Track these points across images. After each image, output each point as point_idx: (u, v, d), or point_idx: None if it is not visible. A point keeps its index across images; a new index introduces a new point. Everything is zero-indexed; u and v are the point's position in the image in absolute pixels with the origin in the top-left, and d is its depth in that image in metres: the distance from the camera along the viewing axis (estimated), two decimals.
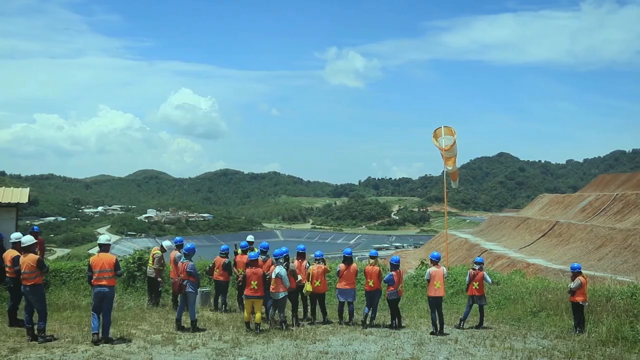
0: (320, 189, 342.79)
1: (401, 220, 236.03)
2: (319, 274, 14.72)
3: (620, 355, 11.48)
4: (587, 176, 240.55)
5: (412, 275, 23.18)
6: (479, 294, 14.92)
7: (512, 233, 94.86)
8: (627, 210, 75.60)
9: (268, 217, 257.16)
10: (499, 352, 11.62)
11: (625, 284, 18.80)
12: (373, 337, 13.05)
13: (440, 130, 22.03)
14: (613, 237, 64.94)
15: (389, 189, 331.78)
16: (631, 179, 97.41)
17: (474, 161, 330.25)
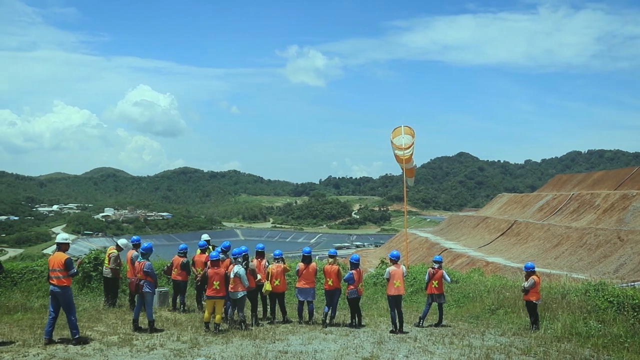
0: (281, 187, 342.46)
1: (362, 220, 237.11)
2: (278, 273, 14.62)
3: (574, 350, 11.75)
4: (545, 176, 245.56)
5: (372, 274, 23.24)
6: (438, 292, 15.00)
7: (471, 232, 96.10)
8: (583, 209, 77.25)
9: (228, 216, 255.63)
10: (458, 350, 11.70)
11: (580, 282, 19.16)
12: (333, 336, 13.00)
13: (400, 129, 22.10)
14: (569, 235, 66.23)
15: (349, 188, 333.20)
16: (586, 179, 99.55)
17: (434, 161, 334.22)
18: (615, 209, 69.54)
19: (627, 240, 56.46)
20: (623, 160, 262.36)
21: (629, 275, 45.80)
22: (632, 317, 13.55)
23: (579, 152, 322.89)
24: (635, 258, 52.35)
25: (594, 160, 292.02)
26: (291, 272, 16.49)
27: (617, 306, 14.42)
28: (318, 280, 16.61)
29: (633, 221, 62.87)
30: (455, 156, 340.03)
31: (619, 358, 11.13)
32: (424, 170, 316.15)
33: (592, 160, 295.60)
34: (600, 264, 54.29)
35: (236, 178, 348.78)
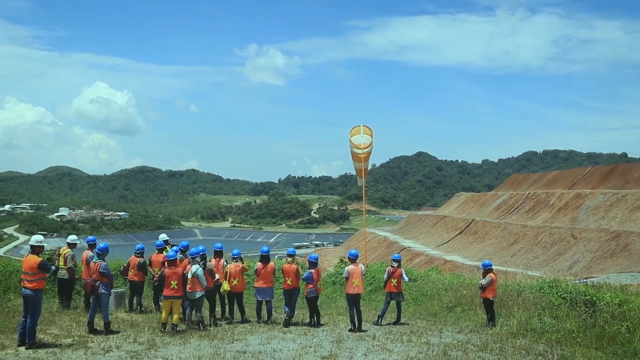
0: (240, 187, 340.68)
1: (321, 219, 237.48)
2: (236, 273, 14.53)
3: (529, 345, 12.01)
4: (502, 176, 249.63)
5: (331, 273, 23.28)
6: (397, 290, 15.08)
7: (430, 231, 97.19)
8: (538, 208, 78.82)
9: (186, 216, 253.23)
10: (416, 347, 11.82)
11: (535, 279, 19.55)
12: (292, 335, 12.99)
13: (359, 128, 22.14)
14: (525, 234, 67.54)
15: (309, 187, 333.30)
16: (542, 179, 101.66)
17: (393, 160, 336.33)
18: (569, 208, 71.13)
19: (580, 238, 57.82)
20: (577, 160, 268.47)
21: (582, 272, 46.89)
22: (584, 313, 13.92)
23: (534, 152, 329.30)
24: (588, 255, 53.63)
25: (549, 160, 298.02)
26: (250, 271, 16.41)
27: (570, 302, 14.83)
28: (277, 280, 16.57)
29: (586, 219, 64.39)
30: (414, 156, 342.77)
31: (571, 352, 11.37)
32: (382, 170, 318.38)
33: (547, 160, 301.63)
34: (555, 262, 55.49)
35: (195, 177, 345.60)
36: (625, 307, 13.55)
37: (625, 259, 49.17)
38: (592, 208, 66.31)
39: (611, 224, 58.73)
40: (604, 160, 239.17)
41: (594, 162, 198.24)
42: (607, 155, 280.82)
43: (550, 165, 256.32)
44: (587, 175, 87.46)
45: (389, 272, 15.09)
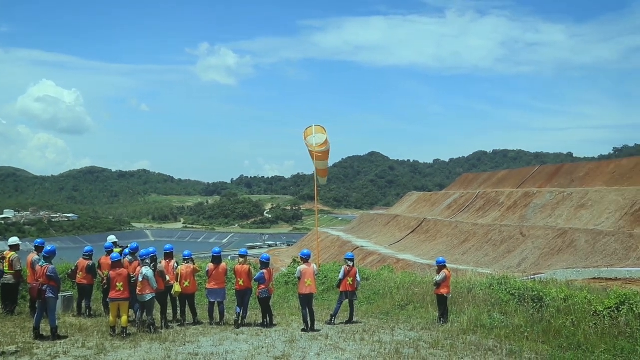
0: (192, 187, 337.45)
1: (274, 219, 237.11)
2: (188, 274, 14.37)
3: (479, 341, 12.25)
4: (453, 175, 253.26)
5: (284, 273, 23.24)
6: (352, 289, 15.12)
7: (382, 230, 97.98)
8: (488, 207, 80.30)
9: (137, 217, 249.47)
10: (369, 346, 11.90)
11: (485, 276, 19.90)
12: (244, 336, 12.92)
13: (312, 129, 22.12)
14: (476, 232, 68.74)
15: (261, 187, 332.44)
16: (491, 178, 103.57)
17: (345, 160, 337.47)
18: (518, 206, 72.64)
19: (528, 236, 59.10)
20: (525, 160, 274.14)
21: (530, 269, 47.93)
22: (532, 308, 14.32)
23: (484, 152, 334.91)
24: (536, 252, 54.85)
25: (498, 160, 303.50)
26: (201, 272, 16.25)
27: (518, 298, 15.19)
28: (229, 281, 16.46)
29: (534, 217, 65.86)
30: (367, 155, 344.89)
31: (519, 347, 11.67)
32: (335, 170, 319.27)
33: (497, 159, 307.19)
34: (505, 259, 56.59)
35: (146, 177, 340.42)
36: (570, 301, 14.02)
37: (571, 255, 50.47)
38: (540, 206, 67.87)
39: (558, 222, 60.24)
40: (550, 160, 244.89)
41: (541, 162, 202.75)
42: (553, 155, 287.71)
43: (500, 165, 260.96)
44: (535, 174, 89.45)
45: (345, 270, 15.09)
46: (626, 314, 12.58)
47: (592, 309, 13.25)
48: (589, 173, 75.52)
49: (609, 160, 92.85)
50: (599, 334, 12.08)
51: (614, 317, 12.65)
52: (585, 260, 47.39)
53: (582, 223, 56.97)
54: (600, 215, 57.01)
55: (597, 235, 51.45)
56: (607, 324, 12.48)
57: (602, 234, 51.37)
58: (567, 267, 42.99)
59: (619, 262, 44.11)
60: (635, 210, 54.23)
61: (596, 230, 52.74)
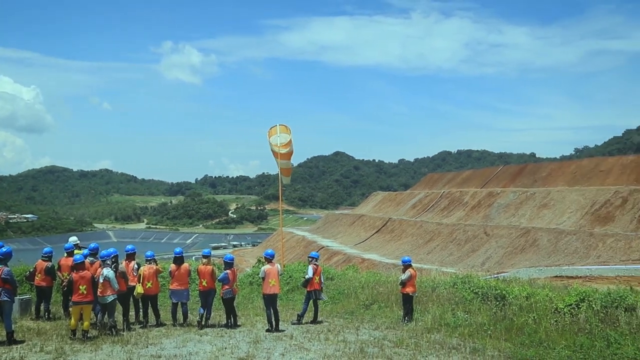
0: (156, 187, 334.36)
1: (239, 219, 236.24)
2: (150, 275, 14.17)
3: (443, 340, 12.38)
4: (417, 175, 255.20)
5: (248, 274, 23.11)
6: (319, 288, 15.11)
7: (347, 230, 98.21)
8: (453, 206, 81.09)
9: (99, 217, 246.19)
10: (333, 345, 11.90)
11: (449, 275, 20.05)
12: (208, 337, 12.80)
13: (276, 128, 22.00)
14: (440, 231, 69.34)
15: (226, 187, 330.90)
16: (456, 178, 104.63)
17: (310, 160, 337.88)
18: (482, 206, 73.50)
19: (492, 235, 59.82)
20: (489, 160, 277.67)
21: (494, 268, 48.49)
22: (495, 306, 14.51)
23: (449, 152, 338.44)
24: (500, 251, 55.55)
25: (463, 160, 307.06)
26: (164, 273, 16.07)
27: (481, 297, 15.35)
28: (193, 282, 16.30)
29: (498, 217, 66.70)
30: (332, 155, 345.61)
31: (482, 345, 11.82)
32: (300, 169, 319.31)
33: (461, 159, 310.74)
34: (469, 258, 57.18)
35: (108, 177, 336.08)
36: (532, 299, 14.26)
37: (534, 253, 51.24)
38: (504, 206, 68.77)
39: (521, 221, 61.11)
40: (514, 160, 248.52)
41: (505, 162, 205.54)
42: (517, 155, 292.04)
43: (464, 165, 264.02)
44: (498, 174, 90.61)
45: (314, 269, 15.05)
46: (585, 310, 12.87)
47: (553, 307, 13.52)
48: (551, 173, 76.78)
49: (570, 161, 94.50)
50: (560, 330, 12.34)
51: (574, 314, 12.93)
52: (548, 259, 48.17)
53: (545, 222, 57.91)
54: (562, 215, 58.01)
55: (559, 234, 52.34)
56: (567, 320, 12.76)
57: (563, 233, 52.27)
58: (530, 266, 43.59)
59: (580, 260, 44.91)
60: (595, 209, 55.31)
61: (558, 230, 53.66)
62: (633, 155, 79.73)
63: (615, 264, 40.08)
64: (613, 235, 48.10)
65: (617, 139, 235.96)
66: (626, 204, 53.79)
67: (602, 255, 45.39)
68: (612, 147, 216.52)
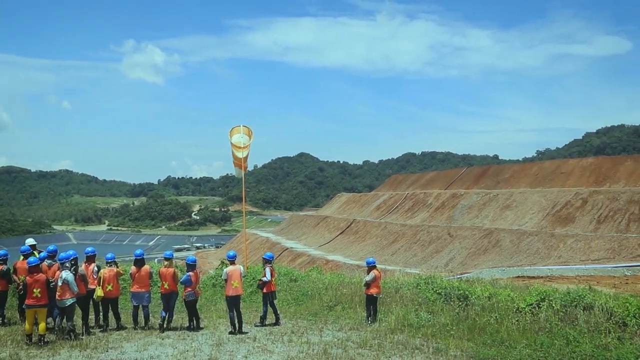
0: (117, 188, 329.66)
1: (202, 220, 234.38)
2: (110, 278, 13.90)
3: (407, 340, 12.46)
4: (382, 176, 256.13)
5: (211, 276, 22.94)
6: (274, 289, 15.10)
7: (312, 231, 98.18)
8: (417, 207, 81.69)
9: (59, 219, 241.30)
10: (297, 347, 11.90)
11: (412, 276, 20.16)
12: (170, 340, 12.65)
13: (239, 128, 21.86)
14: (404, 232, 69.76)
15: (189, 188, 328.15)
16: (420, 179, 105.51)
17: (275, 161, 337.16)
18: (446, 207, 74.18)
19: (456, 236, 60.40)
20: (453, 162, 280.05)
21: (457, 268, 48.92)
22: (457, 307, 14.66)
23: (413, 153, 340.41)
24: (463, 252, 56.10)
25: (427, 162, 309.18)
26: (125, 276, 15.81)
27: (444, 297, 15.50)
28: (155, 284, 16.08)
29: (461, 218, 67.40)
30: (296, 156, 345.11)
31: (445, 345, 11.93)
32: (264, 171, 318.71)
33: (426, 161, 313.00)
34: (433, 259, 57.61)
35: (68, 178, 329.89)
36: (494, 299, 14.48)
37: (497, 254, 51.91)
38: (467, 207, 69.53)
39: (484, 222, 61.87)
40: (477, 162, 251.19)
41: (468, 164, 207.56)
42: (480, 157, 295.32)
43: (428, 167, 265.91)
44: (462, 175, 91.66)
45: (272, 271, 15.01)
46: (546, 310, 13.10)
47: (514, 306, 13.72)
48: (513, 175, 77.95)
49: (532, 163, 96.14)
50: (521, 329, 12.55)
51: (535, 314, 13.14)
52: (510, 259, 48.83)
53: (507, 223, 58.72)
54: (524, 216, 58.90)
55: (521, 235, 53.12)
56: (528, 320, 12.97)
57: (525, 233, 53.07)
58: (493, 267, 44.10)
59: (541, 260, 45.64)
60: (556, 210, 56.28)
61: (520, 230, 54.46)
62: (592, 158, 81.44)
63: (576, 264, 40.85)
64: (573, 235, 48.99)
65: (577, 142, 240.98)
66: (586, 205, 54.85)
67: (562, 255, 46.18)
68: (572, 150, 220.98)
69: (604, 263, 40.27)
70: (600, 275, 33.29)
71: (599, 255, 43.82)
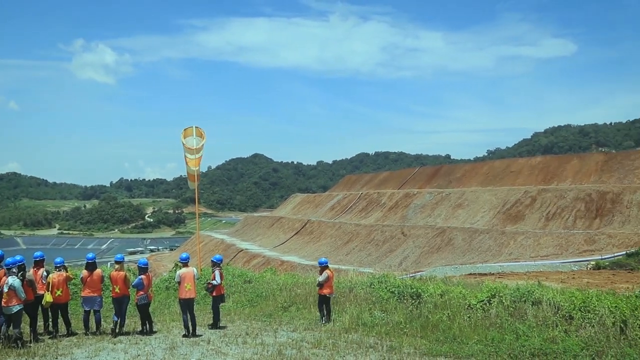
0: (68, 191, 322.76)
1: (156, 223, 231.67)
2: (60, 283, 13.60)
3: (361, 339, 12.56)
4: (336, 177, 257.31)
5: (165, 278, 22.70)
6: (224, 292, 15.05)
7: (266, 232, 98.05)
8: (371, 207, 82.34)
9: (7, 223, 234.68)
10: (251, 349, 11.86)
11: (366, 275, 20.32)
12: (122, 345, 12.43)
13: (191, 129, 21.69)
14: (359, 232, 70.22)
15: (142, 190, 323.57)
16: (374, 179, 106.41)
17: (229, 162, 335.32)
18: (399, 207, 74.97)
19: (409, 235, 61.08)
20: (406, 162, 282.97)
21: (411, 267, 49.51)
22: (411, 305, 14.85)
23: (367, 153, 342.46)
24: (417, 251, 56.77)
25: (380, 162, 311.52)
26: (76, 280, 15.51)
27: (398, 296, 15.66)
28: (107, 288, 15.82)
29: (414, 217, 68.20)
30: (250, 157, 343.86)
31: (399, 343, 12.06)
32: (219, 172, 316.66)
33: (379, 161, 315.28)
34: (387, 258, 58.15)
35: (16, 181, 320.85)
36: (446, 297, 14.71)
37: (450, 252, 52.68)
38: (420, 206, 70.37)
39: (437, 221, 62.72)
40: (430, 162, 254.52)
41: (421, 164, 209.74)
42: (433, 157, 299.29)
43: (382, 167, 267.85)
44: (415, 175, 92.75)
45: (221, 274, 14.95)
46: (496, 306, 13.35)
47: (466, 303, 13.96)
48: (465, 174, 79.26)
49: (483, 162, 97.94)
50: (473, 326, 12.77)
51: (486, 310, 13.38)
52: (463, 257, 49.65)
53: (459, 222, 59.67)
54: (476, 214, 59.94)
55: (473, 233, 54.05)
56: (479, 316, 13.22)
57: (477, 231, 54.01)
58: (446, 264, 44.77)
59: (493, 257, 46.54)
60: (506, 208, 57.41)
61: (472, 229, 55.39)
62: (541, 157, 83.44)
63: (526, 261, 41.80)
64: (523, 233, 50.09)
65: (526, 141, 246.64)
66: (535, 203, 56.12)
67: (513, 252, 47.16)
68: (522, 149, 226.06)
69: (553, 259, 41.30)
70: (548, 270, 34.20)
71: (548, 251, 44.89)
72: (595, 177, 60.26)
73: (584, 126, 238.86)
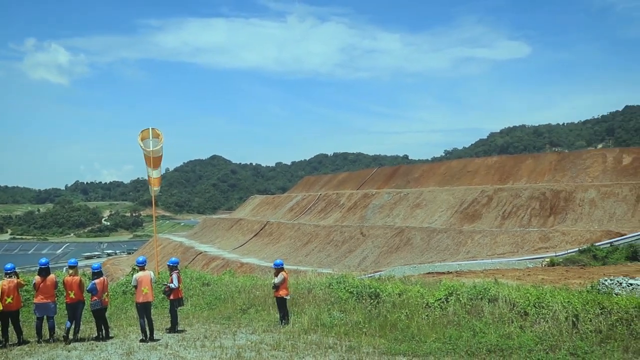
0: (21, 194, 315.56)
1: (113, 226, 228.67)
2: (10, 290, 13.23)
3: (320, 340, 12.60)
4: (295, 178, 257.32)
5: (122, 282, 22.34)
6: (182, 296, 14.91)
7: (226, 234, 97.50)
8: (330, 208, 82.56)
9: None
10: (210, 352, 11.77)
11: (324, 276, 20.33)
12: (77, 352, 12.18)
13: (148, 132, 21.34)
14: (318, 233, 70.33)
15: (99, 193, 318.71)
16: (332, 180, 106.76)
17: (187, 164, 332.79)
18: (358, 207, 75.32)
19: (368, 235, 61.40)
20: (364, 162, 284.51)
21: (370, 267, 49.76)
22: (369, 305, 14.94)
23: (325, 154, 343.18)
24: (376, 251, 57.10)
25: (339, 163, 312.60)
26: (28, 286, 15.14)
27: (356, 296, 15.72)
28: (60, 294, 15.48)
29: (373, 217, 68.59)
30: (209, 159, 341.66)
31: (358, 342, 12.12)
32: (176, 174, 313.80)
33: (338, 162, 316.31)
34: (346, 258, 58.35)
35: None
36: (404, 296, 14.83)
37: (408, 252, 53.11)
38: (379, 207, 70.81)
39: (395, 221, 63.19)
40: (388, 162, 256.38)
41: (379, 164, 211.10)
42: (391, 157, 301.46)
43: (340, 167, 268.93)
44: (373, 176, 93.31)
45: (179, 277, 14.79)
46: (454, 304, 13.54)
47: (424, 302, 14.10)
48: (423, 174, 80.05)
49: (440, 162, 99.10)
50: (431, 324, 12.92)
51: (444, 308, 13.56)
52: (421, 257, 50.11)
53: (418, 221, 60.23)
54: (434, 214, 60.58)
55: (431, 232, 54.60)
56: (437, 314, 13.37)
57: (435, 231, 54.58)
58: (404, 264, 45.11)
59: (451, 256, 47.09)
60: (464, 208, 58.15)
61: (430, 228, 55.96)
62: (496, 157, 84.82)
63: (483, 259, 42.38)
64: (480, 231, 50.81)
65: (483, 141, 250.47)
66: (491, 202, 56.99)
67: (470, 251, 47.80)
68: (478, 149, 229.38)
69: (509, 257, 41.99)
70: (505, 268, 34.74)
71: (504, 249, 45.63)
72: (549, 176, 61.55)
73: (538, 127, 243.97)
